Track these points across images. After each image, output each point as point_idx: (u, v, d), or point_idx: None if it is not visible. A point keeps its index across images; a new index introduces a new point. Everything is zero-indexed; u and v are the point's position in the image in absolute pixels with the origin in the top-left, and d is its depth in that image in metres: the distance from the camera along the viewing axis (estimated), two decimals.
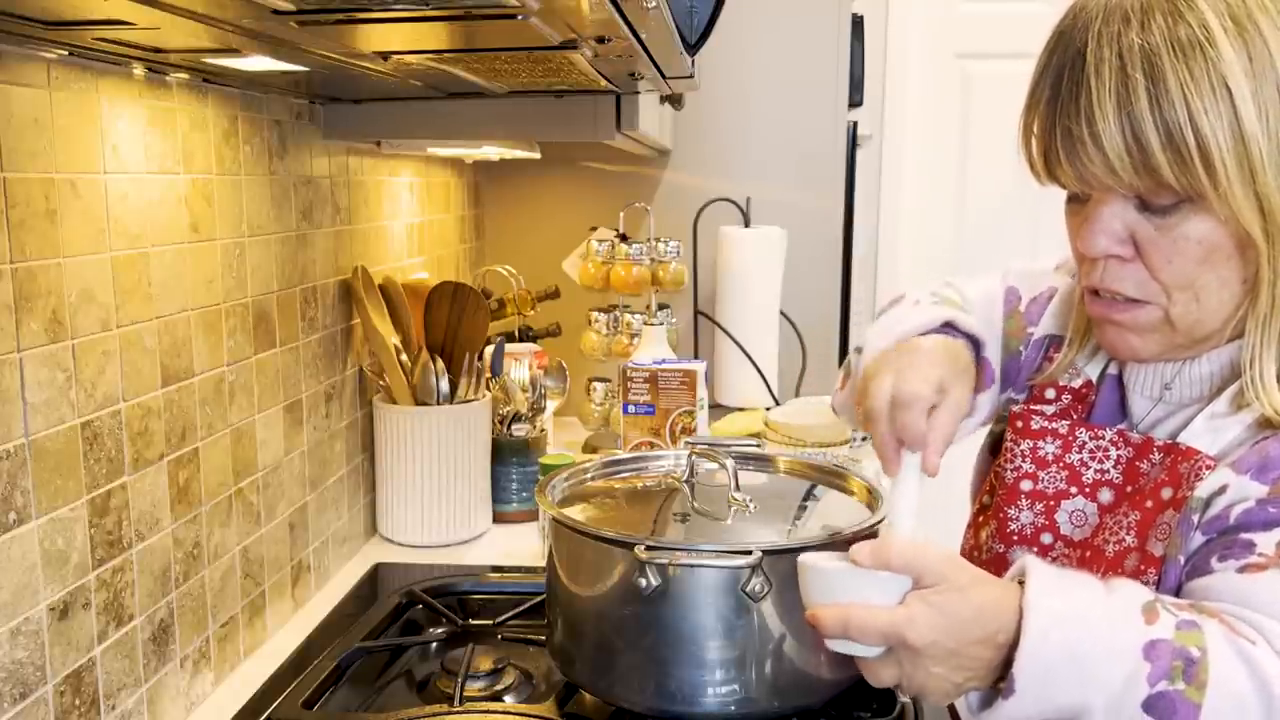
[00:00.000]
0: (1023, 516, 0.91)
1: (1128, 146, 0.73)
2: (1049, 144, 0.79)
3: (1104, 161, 0.75)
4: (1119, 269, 0.80)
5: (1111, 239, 0.78)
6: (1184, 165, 0.72)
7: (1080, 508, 0.89)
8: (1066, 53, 0.77)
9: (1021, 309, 1.01)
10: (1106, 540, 0.86)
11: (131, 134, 0.91)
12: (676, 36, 0.94)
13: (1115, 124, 0.73)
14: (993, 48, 3.04)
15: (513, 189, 2.18)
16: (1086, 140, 0.75)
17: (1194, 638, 0.70)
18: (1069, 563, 0.89)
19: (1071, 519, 0.89)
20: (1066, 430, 0.89)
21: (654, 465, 1.15)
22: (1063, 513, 0.90)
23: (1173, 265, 0.77)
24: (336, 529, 1.39)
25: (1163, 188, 0.74)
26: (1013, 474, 0.92)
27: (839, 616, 0.74)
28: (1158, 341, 0.82)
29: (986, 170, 3.09)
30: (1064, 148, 0.77)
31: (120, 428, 0.90)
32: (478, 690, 1.05)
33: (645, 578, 0.87)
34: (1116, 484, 0.87)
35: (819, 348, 2.17)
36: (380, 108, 1.29)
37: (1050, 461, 0.90)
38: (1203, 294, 0.78)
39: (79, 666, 0.86)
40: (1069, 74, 0.76)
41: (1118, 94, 0.73)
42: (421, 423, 1.43)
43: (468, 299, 1.48)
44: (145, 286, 0.94)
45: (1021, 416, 0.92)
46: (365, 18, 0.70)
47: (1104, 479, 0.88)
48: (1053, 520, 0.90)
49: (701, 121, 2.11)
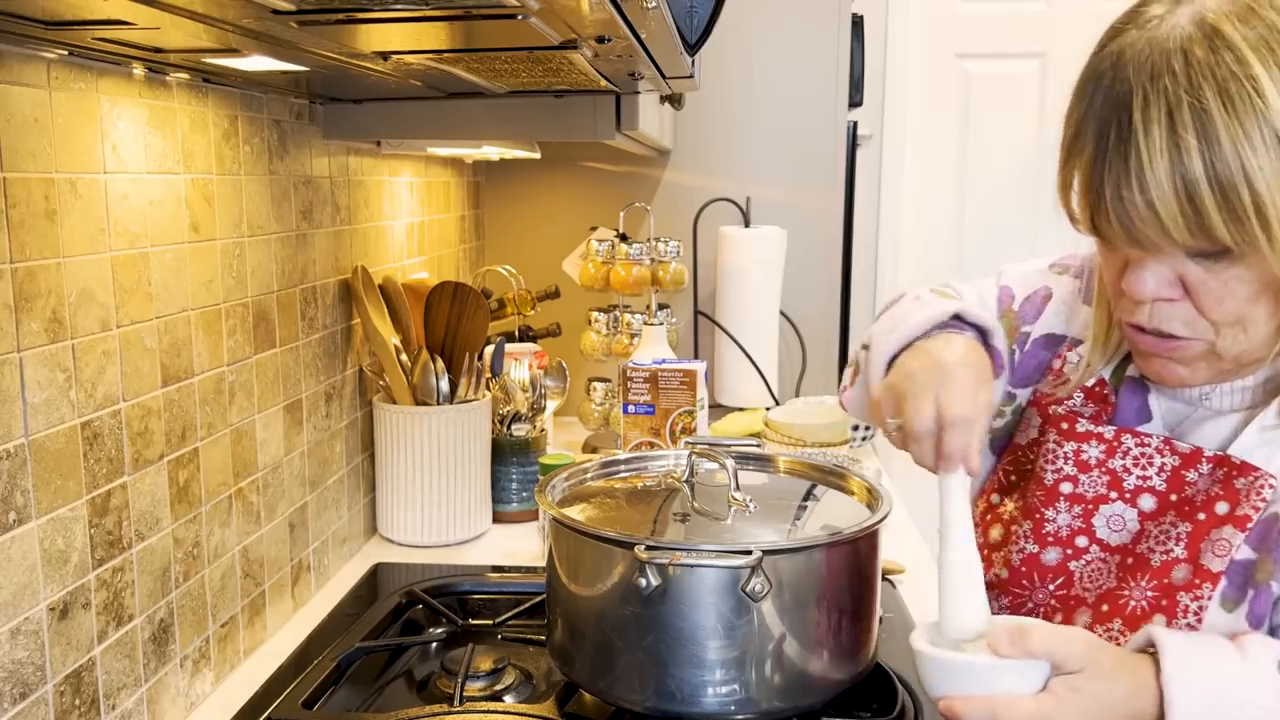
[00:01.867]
0: (1060, 519, 0.91)
1: (1182, 209, 0.72)
2: (1096, 203, 0.76)
3: (1157, 224, 0.73)
4: (1167, 309, 0.79)
5: (1161, 283, 0.77)
6: (1239, 223, 0.71)
7: (1119, 513, 0.88)
8: (1108, 105, 0.75)
9: (1015, 308, 1.01)
10: (1152, 549, 0.86)
11: (131, 134, 0.91)
12: (676, 36, 0.94)
13: (1169, 188, 0.71)
14: (993, 48, 3.04)
15: (513, 189, 2.18)
16: (1139, 205, 0.73)
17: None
18: (1105, 567, 0.89)
19: (1109, 524, 0.89)
20: (1112, 435, 0.88)
21: (654, 465, 1.15)
22: (1100, 517, 0.89)
23: (1223, 305, 0.76)
24: (336, 529, 1.39)
25: (1215, 241, 0.73)
26: (1053, 475, 0.91)
27: (984, 708, 0.74)
28: (1204, 371, 0.82)
29: (986, 170, 3.09)
30: (1114, 210, 0.75)
31: (120, 428, 0.90)
32: (478, 690, 1.05)
33: (645, 578, 0.87)
34: (1160, 491, 0.86)
35: (819, 348, 2.17)
36: (380, 108, 1.29)
37: (1092, 466, 0.89)
38: (1251, 327, 0.78)
39: (79, 666, 0.86)
40: (1115, 132, 0.74)
41: (1170, 156, 0.71)
42: (421, 423, 1.43)
43: (468, 299, 1.48)
44: (145, 286, 0.94)
45: (1066, 419, 0.91)
46: (365, 18, 0.71)
47: (1146, 485, 0.87)
48: (1090, 524, 0.90)
49: (701, 121, 2.11)
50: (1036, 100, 3.03)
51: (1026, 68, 3.02)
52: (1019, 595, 0.92)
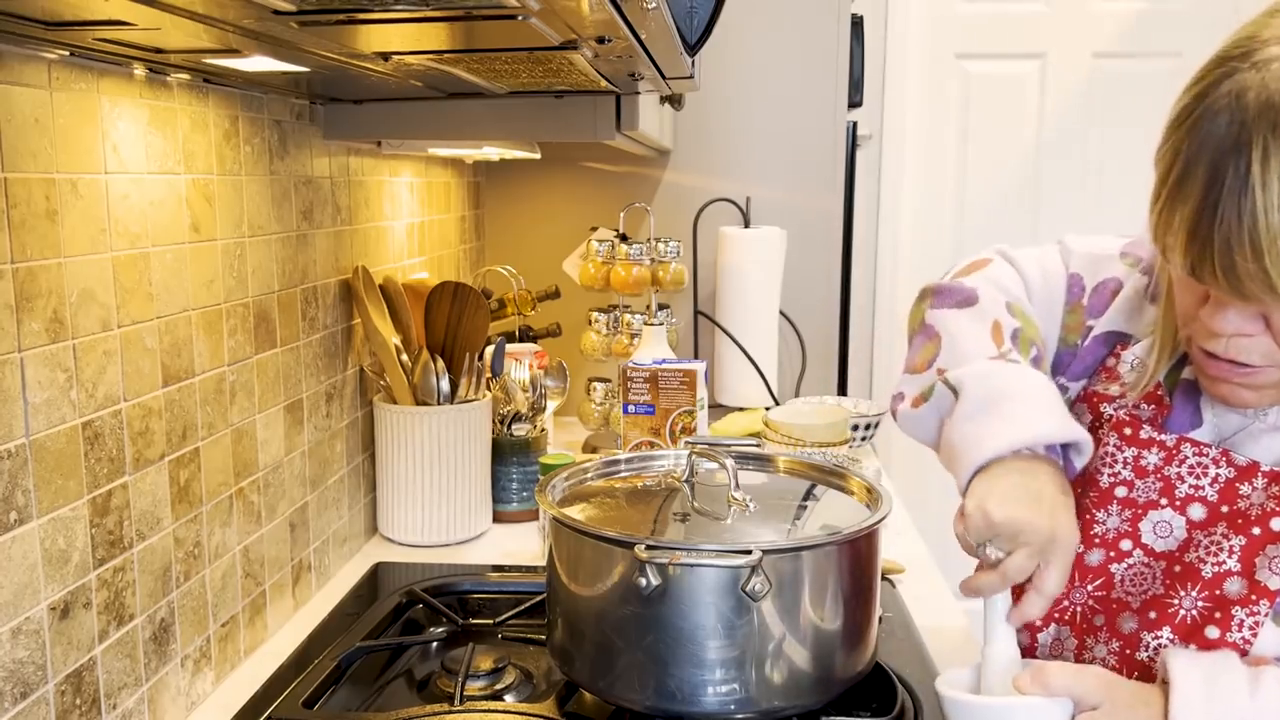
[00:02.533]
0: (1110, 521, 0.90)
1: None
2: (1200, 253, 0.73)
3: (1265, 283, 0.71)
4: (1246, 342, 0.78)
5: (1244, 320, 0.76)
6: None
7: (1167, 519, 0.88)
8: (1220, 151, 0.71)
9: (1085, 301, 0.99)
10: (1202, 559, 0.85)
11: (132, 134, 0.91)
12: (676, 36, 0.94)
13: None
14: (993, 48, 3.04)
15: (513, 189, 2.18)
16: (1250, 263, 0.70)
17: None
18: (1149, 572, 0.89)
19: (1156, 529, 0.88)
20: (1173, 444, 0.88)
21: (654, 465, 1.15)
22: (1147, 522, 0.89)
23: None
24: (337, 528, 1.39)
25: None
26: (1109, 478, 0.90)
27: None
28: (1272, 395, 0.82)
29: (986, 170, 3.09)
30: (1222, 264, 0.72)
31: (121, 427, 0.91)
32: (478, 689, 1.06)
33: (645, 577, 0.87)
34: (1211, 502, 0.86)
35: (819, 348, 2.17)
36: (380, 108, 1.29)
37: (1150, 472, 0.89)
38: None
39: (80, 666, 0.86)
40: (1230, 183, 0.70)
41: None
42: (422, 423, 1.43)
43: (468, 299, 1.48)
44: (146, 286, 0.94)
45: (1130, 424, 0.90)
46: (365, 18, 0.71)
47: (1197, 495, 0.86)
48: (1136, 528, 0.89)
49: (701, 121, 2.11)
50: (1036, 100, 3.03)
51: (1026, 68, 3.02)
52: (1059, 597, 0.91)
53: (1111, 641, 0.90)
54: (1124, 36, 2.96)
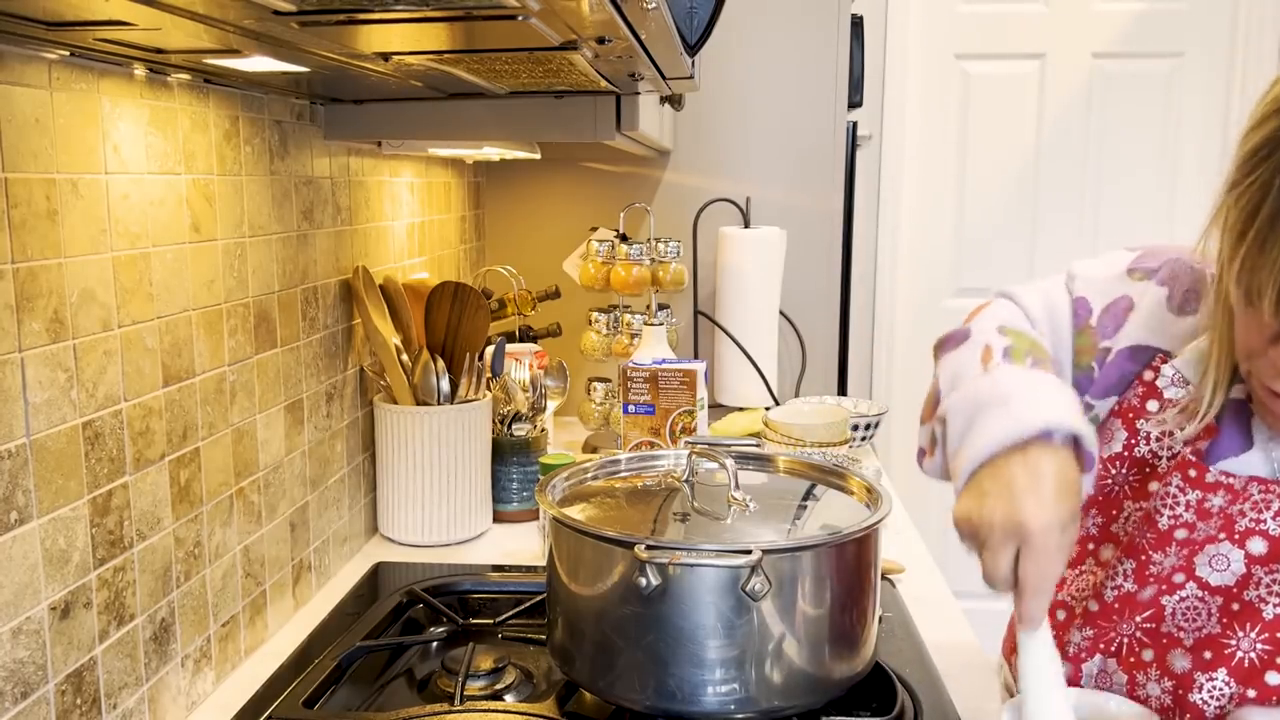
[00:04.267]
0: (1166, 561, 0.88)
1: None
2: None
3: None
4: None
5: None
6: None
7: (1224, 553, 0.85)
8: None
9: (1093, 323, 0.96)
10: (1264, 599, 0.83)
11: (133, 134, 0.91)
12: (676, 37, 0.94)
13: None
14: (992, 48, 3.04)
15: (513, 189, 2.19)
16: None
17: None
18: (1204, 608, 0.86)
19: (1212, 563, 0.85)
20: (1241, 486, 0.85)
21: (654, 465, 1.15)
22: (1204, 556, 0.86)
23: None
24: (337, 528, 1.39)
25: None
26: (1169, 521, 0.87)
27: None
28: None
29: (986, 170, 3.09)
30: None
31: (121, 427, 0.91)
32: (478, 689, 1.06)
33: (645, 577, 0.88)
34: (1273, 536, 0.83)
35: (819, 348, 2.17)
36: (381, 108, 1.30)
37: (1214, 514, 0.86)
38: None
39: (80, 666, 0.86)
40: None
41: None
42: (422, 422, 1.43)
43: (468, 299, 1.48)
44: (146, 286, 0.94)
45: (1195, 467, 0.86)
46: (366, 18, 0.71)
47: (1258, 528, 0.83)
48: (1191, 562, 0.86)
49: (701, 121, 2.11)
50: (1036, 100, 3.03)
51: (1026, 68, 3.02)
52: (1105, 628, 0.90)
53: (1164, 680, 0.86)
54: (1124, 37, 2.96)
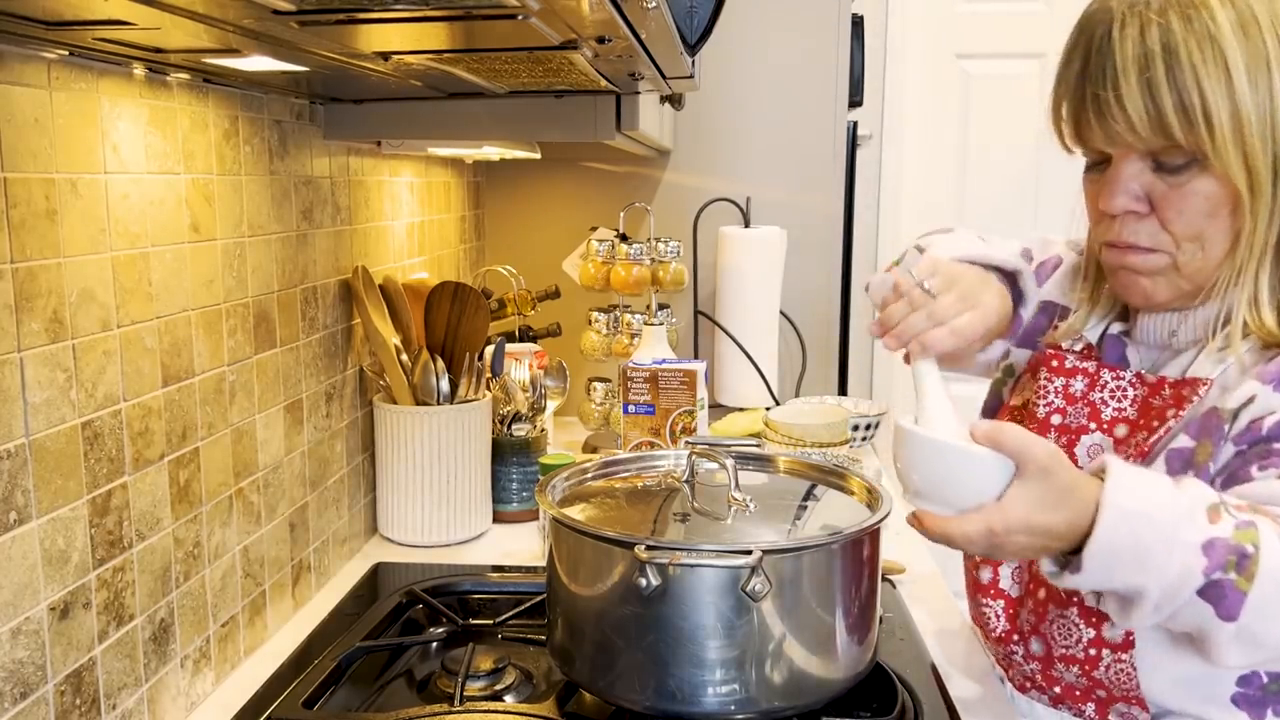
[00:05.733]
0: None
1: (1146, 108, 0.86)
2: (1080, 110, 0.91)
3: (1126, 120, 0.87)
4: (1135, 223, 0.92)
5: (1129, 197, 0.91)
6: (1190, 126, 0.85)
7: (1098, 441, 0.99)
8: (1095, 34, 0.90)
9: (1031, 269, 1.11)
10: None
11: (132, 134, 0.91)
12: (676, 36, 0.94)
13: (1137, 88, 0.86)
14: (992, 48, 3.04)
15: (513, 189, 2.18)
16: (1112, 102, 0.88)
17: (1250, 535, 0.78)
18: None
19: (1089, 452, 0.99)
20: (1094, 370, 1.00)
21: (654, 465, 1.15)
22: (1082, 446, 0.99)
23: (1183, 218, 0.90)
24: (337, 529, 1.39)
25: (1174, 147, 0.87)
26: (1045, 409, 1.02)
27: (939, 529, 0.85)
28: (1166, 286, 0.93)
29: (986, 170, 3.09)
30: (1093, 110, 0.90)
31: (121, 427, 0.91)
32: (478, 690, 1.06)
33: (645, 577, 0.87)
34: (1131, 420, 0.97)
35: (819, 348, 2.17)
36: (380, 108, 1.29)
37: (1078, 398, 1.01)
38: (1208, 244, 0.90)
39: (79, 666, 0.86)
40: (1097, 51, 0.89)
41: (1139, 63, 0.86)
42: (422, 423, 1.43)
43: (468, 299, 1.48)
44: (146, 286, 0.94)
45: (1056, 358, 1.02)
46: (365, 18, 0.71)
47: (1120, 416, 0.98)
48: (1073, 453, 0.99)
49: (701, 121, 2.11)
50: (1036, 100, 3.03)
51: (1026, 68, 3.02)
52: None
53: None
54: None
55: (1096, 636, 0.95)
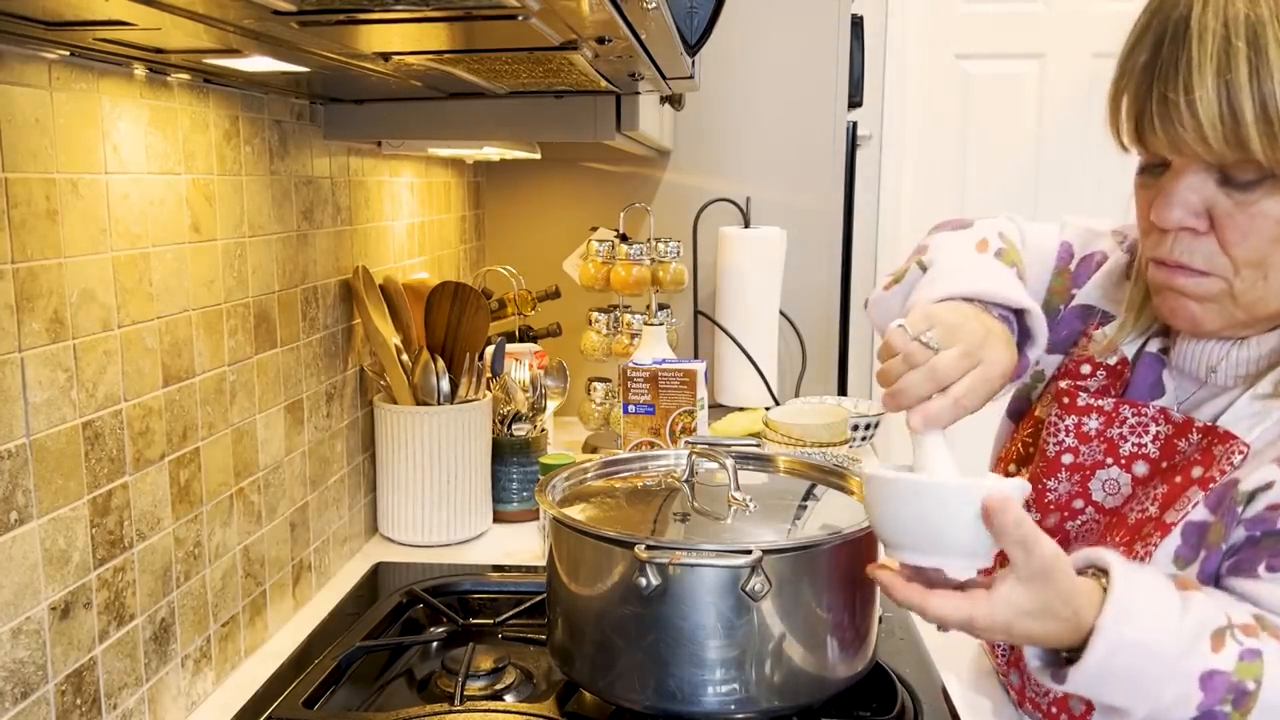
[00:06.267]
0: (1060, 487, 0.93)
1: (1222, 115, 0.73)
2: (1143, 108, 0.78)
3: (1196, 128, 0.74)
4: (1190, 241, 0.79)
5: (1187, 211, 0.78)
6: (1273, 140, 0.72)
7: (1114, 477, 0.90)
8: (1169, 19, 0.76)
9: (1071, 268, 1.02)
10: (1132, 509, 0.88)
11: (132, 134, 0.91)
12: (676, 36, 0.94)
13: (1213, 91, 0.73)
14: (993, 48, 3.04)
15: (513, 189, 2.18)
16: (1182, 106, 0.74)
17: (1253, 670, 0.73)
18: (1096, 527, 0.92)
19: (1105, 487, 0.91)
20: (1111, 407, 0.90)
21: (654, 465, 1.15)
22: (1096, 481, 0.92)
23: (1247, 241, 0.77)
24: (337, 528, 1.39)
25: (1249, 161, 0.74)
26: (1055, 448, 0.93)
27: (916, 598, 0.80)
28: (1218, 314, 0.81)
29: (986, 170, 3.09)
30: (1159, 113, 0.76)
31: (121, 427, 0.91)
32: (478, 689, 1.06)
33: (645, 577, 0.87)
34: (1153, 458, 0.88)
35: (819, 348, 2.17)
36: (381, 108, 1.29)
37: (1092, 436, 0.91)
38: (1272, 273, 0.78)
39: (80, 666, 0.86)
40: (1170, 40, 0.75)
41: (1218, 61, 0.72)
42: (422, 422, 1.43)
43: (468, 299, 1.48)
44: (146, 286, 0.94)
45: (1068, 394, 0.93)
46: (366, 18, 0.71)
47: (1140, 452, 0.89)
48: (1086, 488, 0.92)
49: (701, 121, 2.11)
50: (1036, 100, 3.03)
51: (1026, 68, 3.02)
52: None
53: None
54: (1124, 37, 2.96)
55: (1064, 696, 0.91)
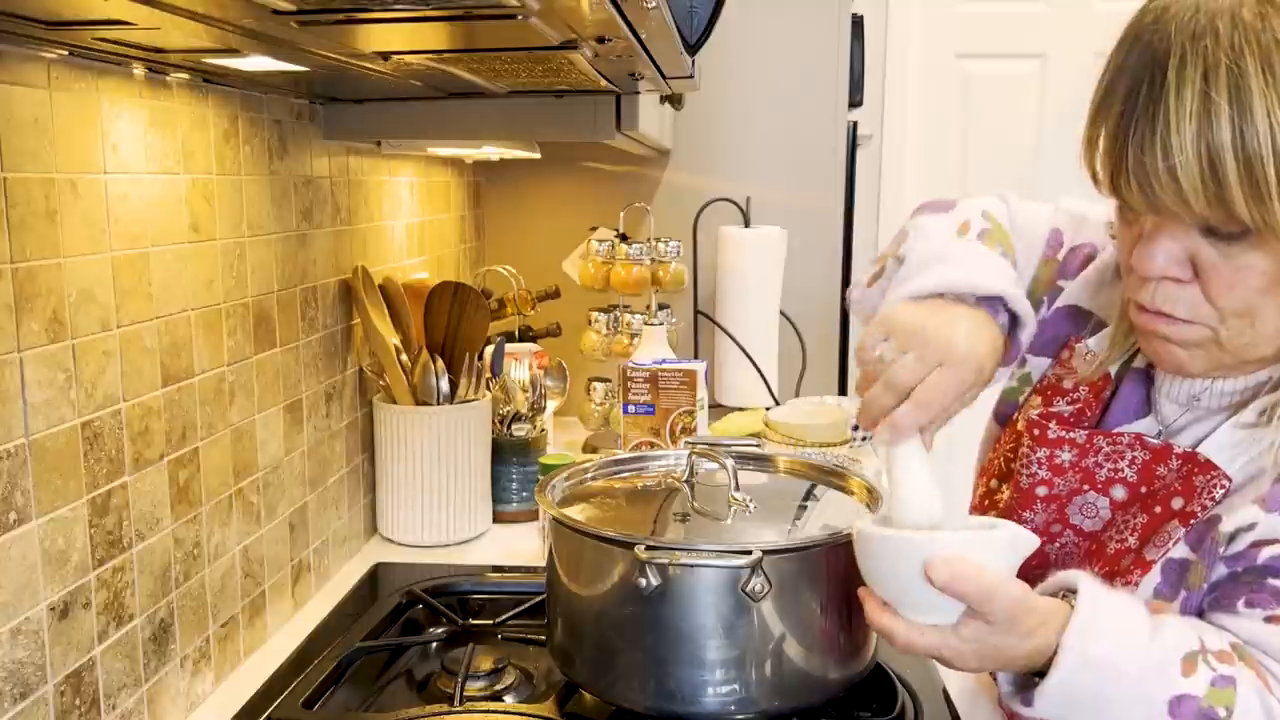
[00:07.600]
0: (1037, 518, 0.92)
1: (1204, 178, 0.68)
2: (1118, 165, 0.73)
3: (1176, 191, 0.69)
4: (1174, 290, 0.76)
5: (1170, 260, 0.74)
6: (1260, 200, 0.68)
7: (1092, 501, 0.88)
8: (1143, 62, 0.71)
9: (1060, 257, 0.98)
10: (1112, 537, 0.87)
11: (132, 134, 0.91)
12: (676, 36, 0.94)
13: (1194, 154, 0.68)
14: (993, 48, 3.04)
15: (513, 189, 2.18)
16: (1160, 169, 0.70)
17: (1225, 697, 0.72)
18: (1076, 551, 0.90)
19: (1082, 510, 0.89)
20: (1084, 440, 0.88)
21: (654, 465, 1.15)
22: (1074, 506, 0.90)
23: (1233, 293, 0.73)
24: (336, 529, 1.39)
25: (1233, 219, 0.70)
26: (1028, 480, 0.91)
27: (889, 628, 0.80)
28: (1204, 359, 0.78)
29: (986, 170, 3.09)
30: (1135, 173, 0.71)
31: (120, 428, 0.90)
32: (478, 690, 1.05)
33: (645, 577, 0.87)
34: (1131, 482, 0.86)
35: (819, 348, 2.17)
36: (380, 108, 1.29)
37: (1067, 468, 0.89)
38: (1259, 320, 0.74)
39: (79, 666, 0.86)
40: (1147, 90, 0.70)
41: (1199, 120, 0.68)
42: (421, 423, 1.43)
43: (468, 299, 1.48)
44: (145, 286, 0.94)
45: (1038, 425, 0.90)
46: (365, 18, 0.71)
47: (1118, 477, 0.87)
48: (1064, 514, 0.90)
49: (701, 121, 2.11)
50: (1036, 100, 3.03)
51: (1026, 68, 3.02)
52: None
53: None
54: None
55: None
